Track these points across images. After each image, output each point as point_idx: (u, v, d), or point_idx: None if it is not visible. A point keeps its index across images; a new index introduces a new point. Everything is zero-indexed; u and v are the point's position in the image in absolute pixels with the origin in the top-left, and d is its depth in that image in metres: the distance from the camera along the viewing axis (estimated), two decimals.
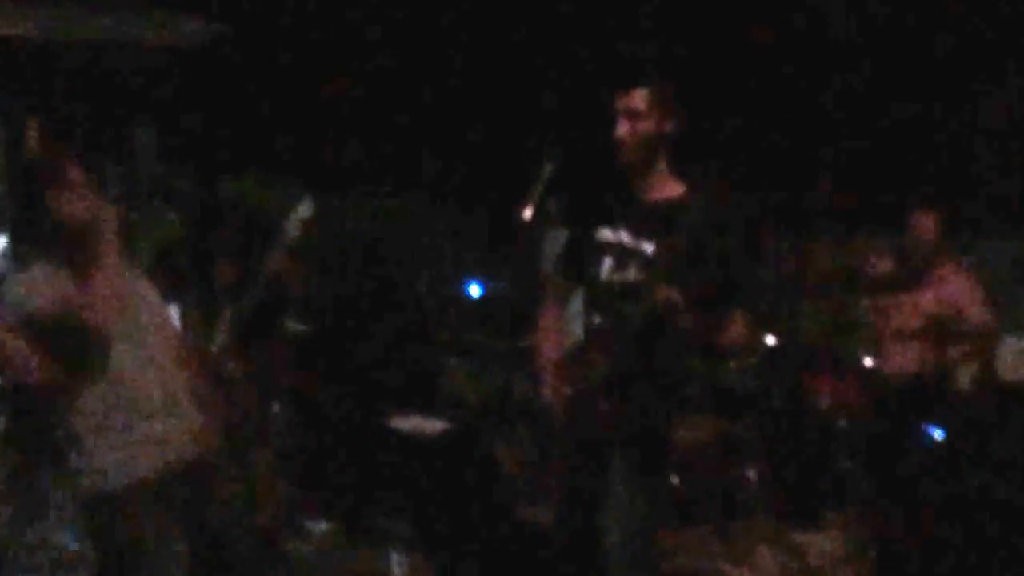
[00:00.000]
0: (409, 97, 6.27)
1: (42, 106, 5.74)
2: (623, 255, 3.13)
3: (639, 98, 3.05)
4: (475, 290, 5.20)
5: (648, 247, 3.08)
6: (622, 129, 3.06)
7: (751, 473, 4.39)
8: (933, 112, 5.42)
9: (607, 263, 3.16)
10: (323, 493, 4.66)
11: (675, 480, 4.56)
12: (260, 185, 5.85)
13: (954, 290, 4.73)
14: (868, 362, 4.68)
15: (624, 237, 3.15)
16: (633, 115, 3.04)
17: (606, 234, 3.18)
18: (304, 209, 3.63)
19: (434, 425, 4.87)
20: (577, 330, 3.28)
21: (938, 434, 4.56)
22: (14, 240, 2.98)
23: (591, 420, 3.15)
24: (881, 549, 4.22)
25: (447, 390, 5.31)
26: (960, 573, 4.09)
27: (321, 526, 4.54)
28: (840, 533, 4.42)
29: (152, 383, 2.87)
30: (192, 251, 6.00)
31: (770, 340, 4.48)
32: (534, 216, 3.23)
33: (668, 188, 3.14)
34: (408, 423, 4.87)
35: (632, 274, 3.10)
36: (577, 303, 3.33)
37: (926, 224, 4.72)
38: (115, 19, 5.87)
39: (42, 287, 2.79)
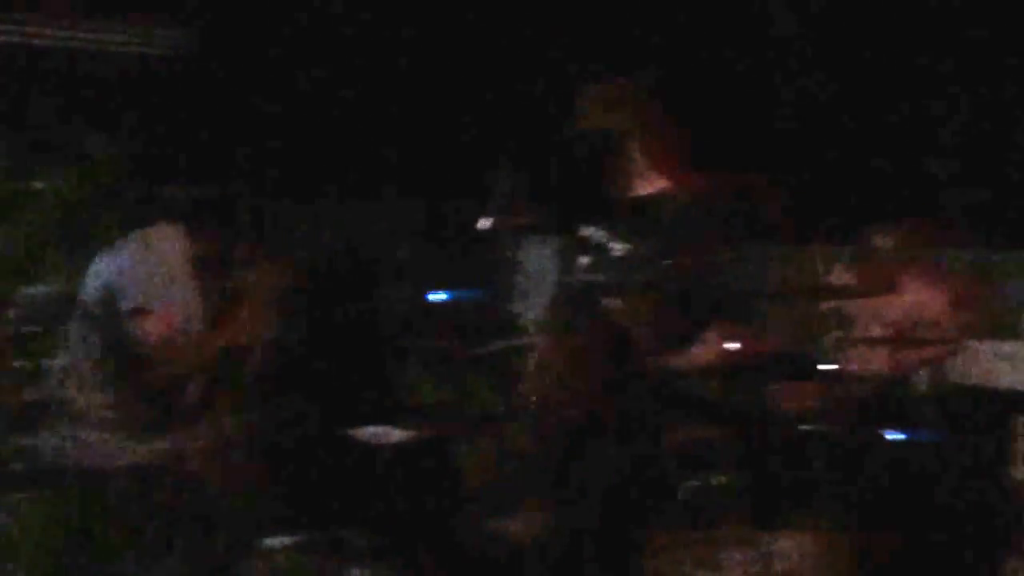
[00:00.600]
0: (373, 103, 6.24)
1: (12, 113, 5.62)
2: (597, 254, 3.10)
3: (590, 100, 3.09)
4: (439, 297, 5.18)
5: (619, 247, 3.04)
6: (567, 130, 3.10)
7: (719, 477, 4.36)
8: (893, 120, 5.52)
9: (582, 262, 3.13)
10: (281, 506, 4.56)
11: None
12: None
13: (919, 296, 4.83)
14: (831, 367, 4.71)
15: (599, 235, 3.11)
16: (583, 118, 3.09)
17: (583, 231, 3.16)
18: None
19: (396, 434, 4.79)
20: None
21: (899, 437, 4.59)
22: None
23: (562, 422, 3.11)
24: (850, 552, 4.22)
25: (410, 398, 5.24)
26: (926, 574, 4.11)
27: (279, 541, 4.44)
28: (809, 536, 4.42)
29: None
30: None
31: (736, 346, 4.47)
32: (498, 223, 3.21)
33: (646, 185, 3.11)
34: (369, 433, 4.78)
35: (604, 274, 3.06)
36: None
37: (883, 234, 4.81)
38: (85, 26, 5.78)
39: None
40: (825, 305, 5.06)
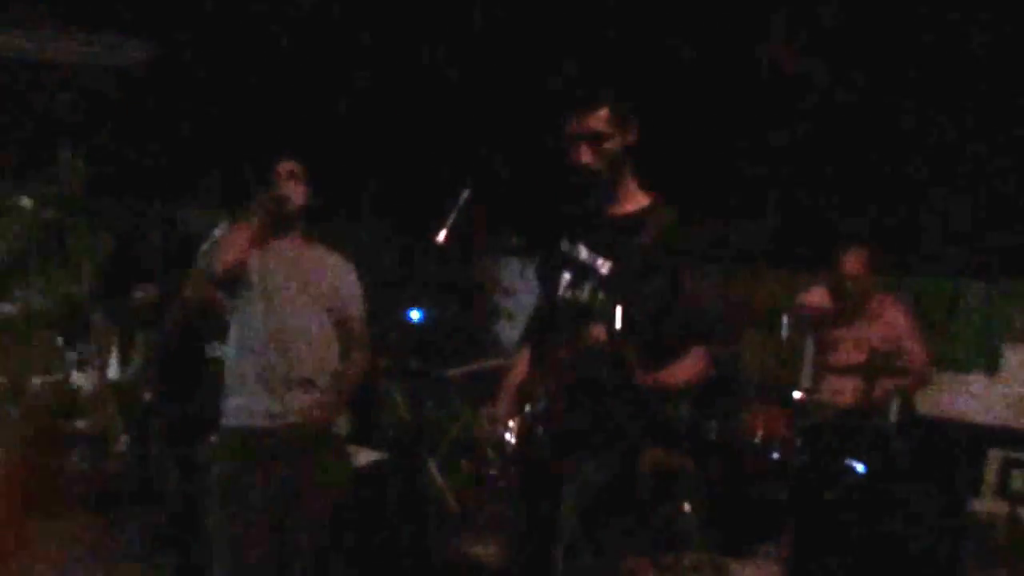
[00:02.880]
0: (351, 122, 6.21)
1: None
2: (580, 271, 3.05)
3: (601, 119, 2.98)
4: (416, 316, 5.15)
5: (603, 265, 3.01)
6: (586, 154, 2.99)
7: (687, 504, 4.36)
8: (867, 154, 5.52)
9: (566, 278, 3.08)
10: None
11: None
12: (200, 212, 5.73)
13: (891, 325, 4.82)
14: (798, 395, 4.70)
15: (583, 252, 3.07)
16: (595, 137, 2.98)
17: (567, 247, 3.10)
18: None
19: (367, 456, 4.76)
20: None
21: (860, 468, 4.58)
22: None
23: (541, 443, 3.04)
24: None
25: (386, 419, 5.20)
26: None
27: None
28: (775, 564, 4.43)
29: (308, 355, 3.39)
30: (112, 275, 5.82)
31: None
32: (450, 240, 3.19)
33: (633, 201, 3.08)
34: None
35: (586, 292, 3.01)
36: None
37: (854, 261, 4.81)
38: (56, 40, 5.77)
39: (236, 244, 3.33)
40: (802, 331, 5.03)
